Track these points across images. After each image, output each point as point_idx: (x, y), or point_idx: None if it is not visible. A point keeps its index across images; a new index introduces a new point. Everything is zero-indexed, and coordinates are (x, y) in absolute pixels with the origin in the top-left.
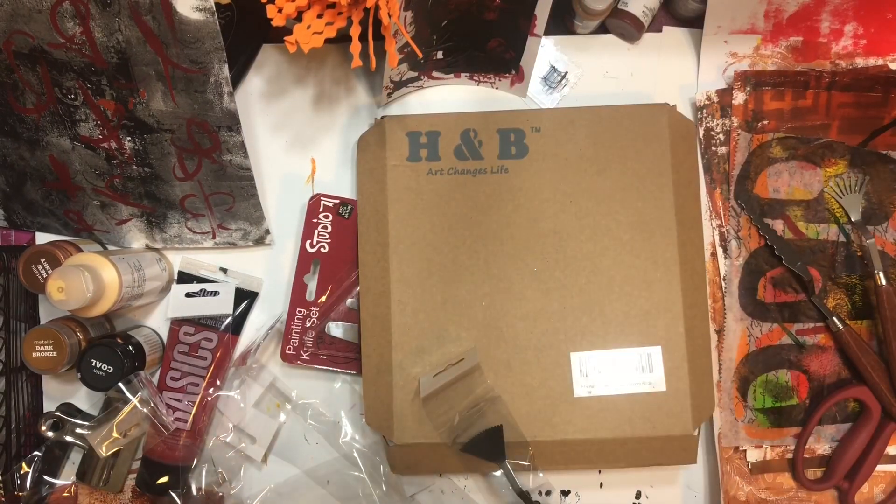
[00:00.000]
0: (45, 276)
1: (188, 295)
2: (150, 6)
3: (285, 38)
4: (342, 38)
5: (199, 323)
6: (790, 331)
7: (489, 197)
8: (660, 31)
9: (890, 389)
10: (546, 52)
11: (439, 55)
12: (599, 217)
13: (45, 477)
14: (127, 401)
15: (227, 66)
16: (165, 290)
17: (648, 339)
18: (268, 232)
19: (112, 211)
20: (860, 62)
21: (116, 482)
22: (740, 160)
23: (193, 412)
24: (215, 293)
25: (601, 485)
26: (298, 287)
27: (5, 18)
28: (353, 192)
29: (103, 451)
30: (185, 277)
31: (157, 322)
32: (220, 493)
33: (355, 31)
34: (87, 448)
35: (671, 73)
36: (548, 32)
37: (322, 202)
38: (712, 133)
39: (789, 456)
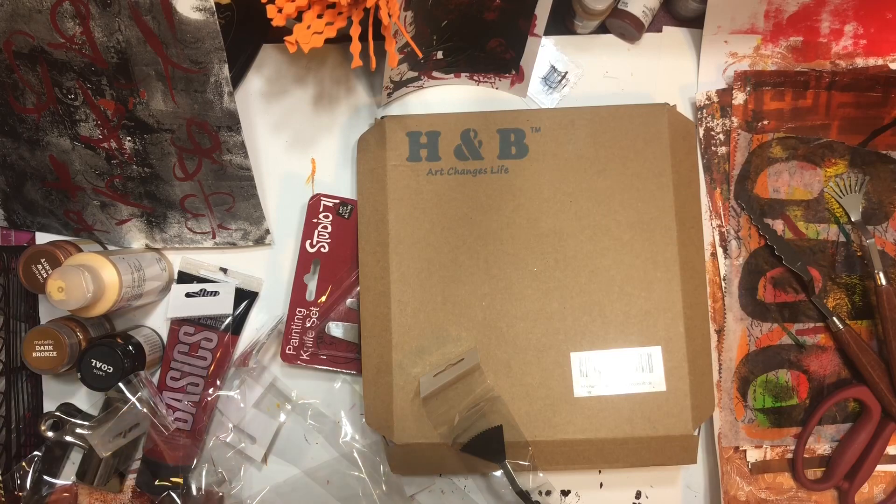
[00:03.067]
0: (45, 276)
1: (188, 295)
2: (150, 6)
3: (285, 38)
4: (342, 38)
5: (199, 323)
6: (790, 331)
7: (489, 197)
8: (660, 31)
9: (890, 389)
10: (546, 52)
11: (439, 55)
12: (599, 217)
13: (45, 477)
14: (127, 401)
15: (227, 65)
16: (165, 290)
17: (648, 339)
18: (268, 232)
19: (112, 211)
20: (860, 62)
21: (116, 482)
22: (740, 160)
23: (194, 412)
24: (215, 293)
25: (601, 485)
26: (298, 287)
27: (5, 18)
28: (353, 192)
29: (103, 452)
30: (185, 277)
31: (157, 322)
32: (220, 493)
33: (355, 31)
34: (87, 448)
35: (671, 73)
36: (548, 32)
37: (322, 202)
38: (712, 133)
39: (789, 456)
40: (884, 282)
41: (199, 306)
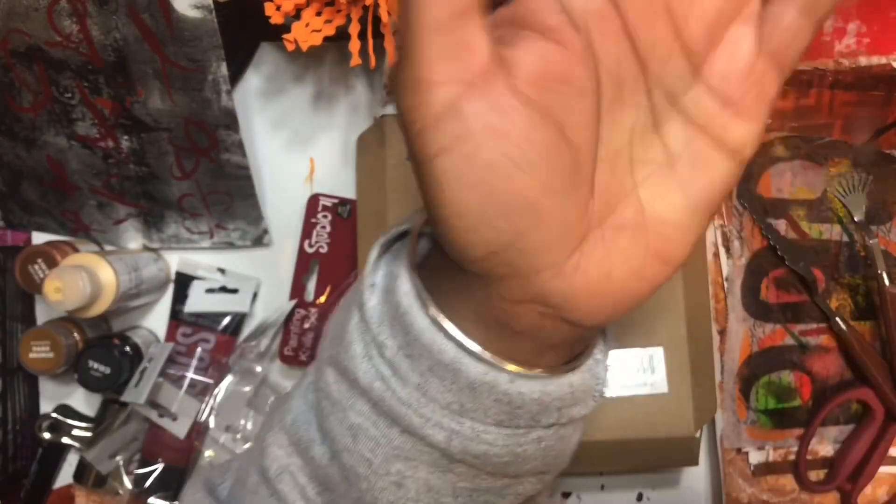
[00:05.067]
0: (41, 276)
1: (208, 291)
2: (148, 4)
3: (283, 36)
4: (341, 36)
5: (197, 324)
6: (793, 332)
7: None
8: None
9: (893, 391)
10: None
11: None
12: None
13: (42, 479)
14: (126, 412)
15: (225, 64)
16: (163, 290)
17: (650, 341)
18: (266, 231)
19: (109, 211)
20: (863, 61)
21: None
22: None
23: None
24: (235, 290)
25: (602, 487)
26: (297, 287)
27: (2, 17)
28: (353, 191)
29: (103, 470)
30: (182, 278)
31: (155, 322)
32: None
33: (354, 29)
34: (84, 449)
35: None
36: None
37: (321, 202)
38: None
39: (792, 457)
40: (887, 282)
41: (218, 303)
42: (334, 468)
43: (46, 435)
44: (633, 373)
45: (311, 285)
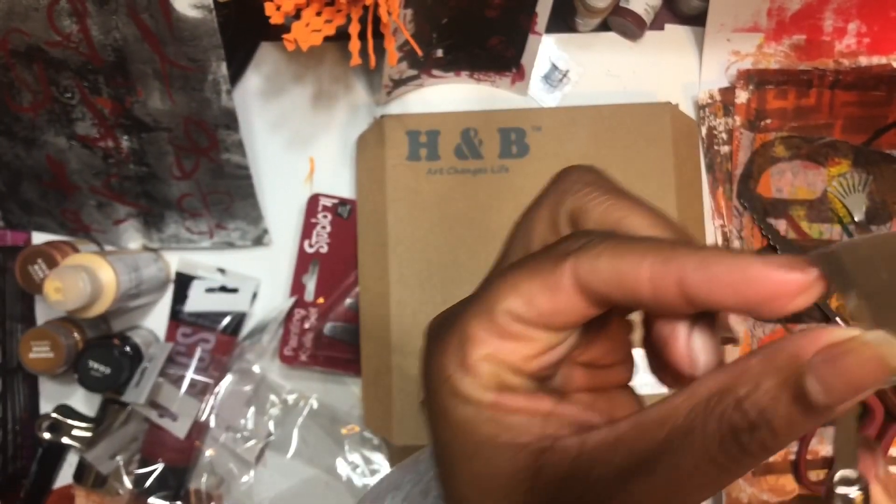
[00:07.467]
0: (41, 276)
1: (208, 290)
2: (148, 4)
3: (284, 35)
4: (341, 36)
5: (197, 324)
6: (793, 332)
7: (489, 196)
8: (662, 28)
9: (893, 390)
10: (547, 50)
11: (439, 53)
12: None
13: (42, 479)
14: (125, 411)
15: (225, 63)
16: (163, 290)
17: None
18: (266, 231)
19: (109, 211)
20: (864, 61)
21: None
22: (743, 159)
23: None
24: (235, 290)
25: None
26: (297, 287)
27: (2, 17)
28: (352, 191)
29: (104, 470)
30: (182, 278)
31: (155, 322)
32: (220, 493)
33: (354, 29)
34: (84, 450)
35: (673, 72)
36: (549, 30)
37: (321, 202)
38: (715, 132)
39: (792, 457)
40: None
41: (218, 302)
42: None
43: (46, 435)
44: None
45: (311, 285)
